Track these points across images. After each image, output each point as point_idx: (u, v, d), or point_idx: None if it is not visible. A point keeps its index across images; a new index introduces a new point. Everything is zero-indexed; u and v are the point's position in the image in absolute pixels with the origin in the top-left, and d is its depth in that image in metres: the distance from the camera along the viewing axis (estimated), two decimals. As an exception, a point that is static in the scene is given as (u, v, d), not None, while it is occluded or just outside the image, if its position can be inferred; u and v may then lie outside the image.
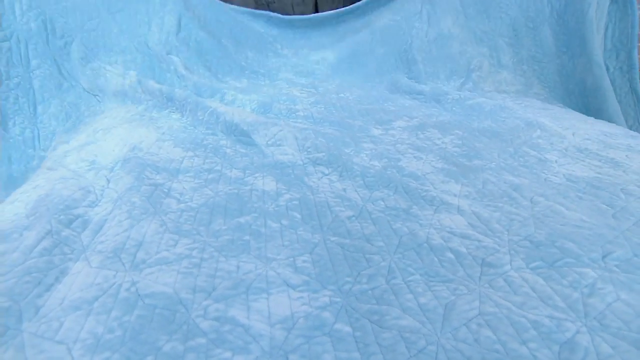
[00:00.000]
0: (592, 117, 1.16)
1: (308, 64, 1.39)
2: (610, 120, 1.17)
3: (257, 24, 1.41)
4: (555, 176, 0.74)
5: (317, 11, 1.62)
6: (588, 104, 1.25)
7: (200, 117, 1.00)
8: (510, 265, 0.49)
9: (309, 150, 0.83)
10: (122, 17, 1.19)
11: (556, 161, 0.81)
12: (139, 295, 0.43)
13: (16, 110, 1.01)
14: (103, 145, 0.85)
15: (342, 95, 1.25)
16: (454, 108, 1.16)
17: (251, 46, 1.35)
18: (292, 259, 0.50)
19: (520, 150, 0.87)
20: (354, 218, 0.59)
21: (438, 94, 1.25)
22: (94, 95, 1.12)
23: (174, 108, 1.05)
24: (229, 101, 1.11)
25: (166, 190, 0.66)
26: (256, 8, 1.46)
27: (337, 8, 1.51)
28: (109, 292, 0.44)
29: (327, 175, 0.74)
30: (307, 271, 0.48)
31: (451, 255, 0.51)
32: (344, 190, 0.68)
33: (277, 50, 1.39)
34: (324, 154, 0.80)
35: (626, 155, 0.83)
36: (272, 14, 1.43)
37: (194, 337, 0.38)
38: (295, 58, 1.39)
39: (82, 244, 0.53)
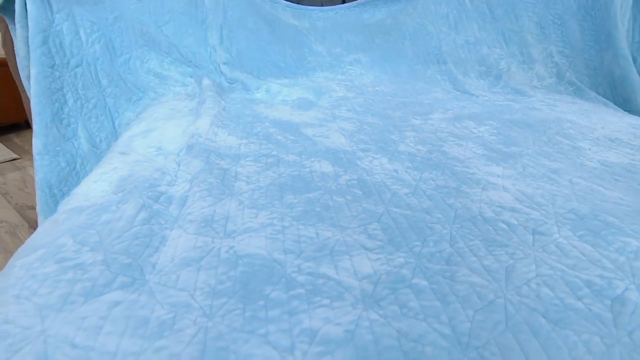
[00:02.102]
0: (620, 111, 1.20)
1: (342, 64, 1.45)
2: (638, 109, 1.21)
3: (290, 16, 1.46)
4: (590, 161, 0.79)
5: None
6: (616, 94, 1.29)
7: (248, 113, 1.06)
8: (559, 234, 0.54)
9: (356, 141, 0.88)
10: (169, 29, 1.26)
11: (589, 149, 0.86)
12: (238, 255, 0.50)
13: (99, 127, 1.10)
14: (165, 133, 0.92)
15: (377, 88, 1.31)
16: (486, 103, 1.21)
17: (290, 42, 1.40)
18: (363, 227, 0.56)
19: (554, 139, 0.92)
20: (410, 194, 0.65)
21: (469, 91, 1.31)
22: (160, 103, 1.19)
23: (224, 104, 1.11)
24: (275, 92, 1.17)
25: (234, 174, 0.72)
26: None
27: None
28: (211, 253, 0.50)
29: (377, 158, 0.79)
30: (379, 237, 0.54)
31: (504, 226, 0.56)
32: (396, 171, 0.74)
33: (312, 45, 1.45)
34: (371, 144, 0.86)
35: (656, 144, 0.87)
36: (300, 6, 1.48)
37: (293, 288, 0.45)
38: (330, 58, 1.45)
39: (172, 216, 0.60)
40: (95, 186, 0.69)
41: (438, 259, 0.49)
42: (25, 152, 2.64)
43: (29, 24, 1.02)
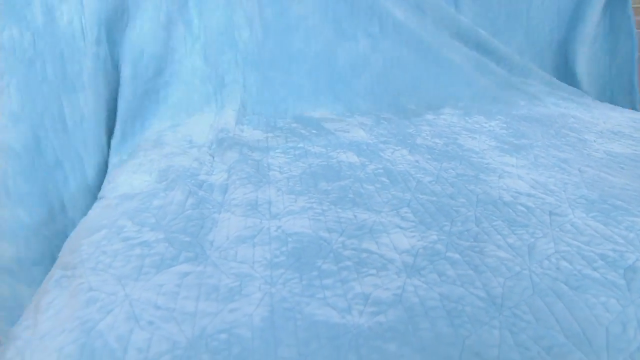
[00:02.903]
0: (618, 107, 1.27)
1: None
2: None
3: None
4: (596, 152, 0.85)
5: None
6: None
7: (268, 109, 1.11)
8: (573, 215, 0.60)
9: (376, 135, 0.94)
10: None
11: (595, 141, 0.92)
12: (287, 234, 0.55)
13: None
14: (192, 128, 0.97)
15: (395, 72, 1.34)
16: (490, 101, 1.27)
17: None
18: (395, 210, 0.61)
19: (561, 132, 0.98)
20: (433, 182, 0.71)
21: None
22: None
23: (240, 100, 1.16)
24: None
25: (266, 165, 0.78)
26: None
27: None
28: (262, 231, 0.56)
29: (398, 150, 0.85)
30: (411, 219, 0.59)
31: (523, 209, 0.62)
32: (417, 162, 0.79)
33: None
34: (390, 137, 0.92)
35: (657, 136, 0.93)
36: None
37: (341, 260, 0.50)
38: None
39: (217, 202, 0.65)
40: (136, 176, 0.75)
41: (467, 236, 0.55)
42: None
43: None
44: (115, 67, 0.95)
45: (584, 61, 1.42)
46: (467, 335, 0.41)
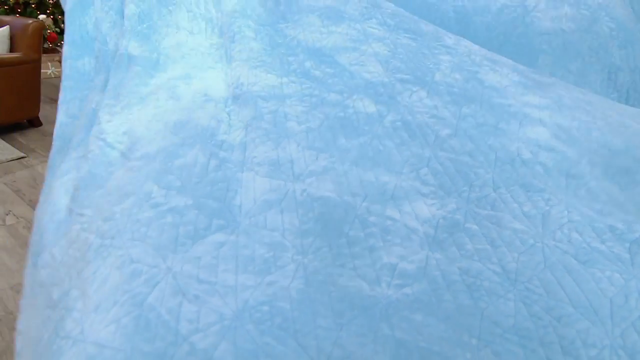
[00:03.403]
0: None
1: None
2: None
3: None
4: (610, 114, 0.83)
5: None
6: None
7: (280, 41, 1.04)
8: (591, 175, 0.61)
9: (392, 70, 0.90)
10: None
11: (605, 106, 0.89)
12: (312, 198, 0.57)
13: None
14: (206, 82, 0.91)
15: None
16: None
17: None
18: (415, 172, 0.63)
19: (577, 96, 0.95)
20: (452, 135, 0.71)
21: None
22: (166, 6, 1.14)
23: (250, 37, 1.08)
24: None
25: (283, 115, 0.76)
26: None
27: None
28: (288, 196, 0.57)
29: (416, 92, 0.83)
30: (431, 182, 0.61)
31: (540, 170, 0.63)
32: (436, 107, 0.78)
33: None
34: (408, 74, 0.88)
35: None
36: None
37: (367, 227, 0.53)
38: None
39: (238, 161, 0.65)
40: (151, 126, 0.73)
41: (484, 204, 0.57)
42: (31, 150, 2.59)
43: None
44: None
45: None
46: (485, 307, 0.45)
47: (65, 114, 0.90)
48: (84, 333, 0.44)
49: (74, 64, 0.92)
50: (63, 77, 0.99)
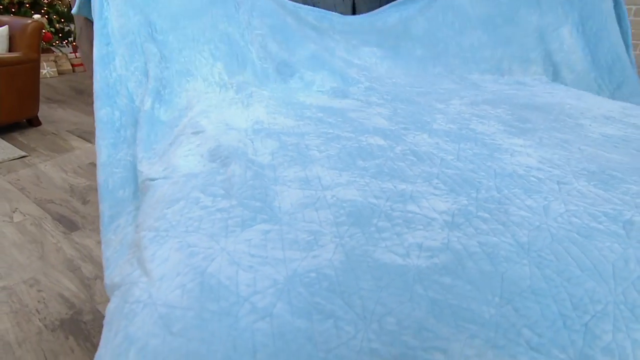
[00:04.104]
0: (608, 99, 1.41)
1: (359, 52, 1.61)
2: (631, 93, 1.43)
3: (312, 18, 1.62)
4: (592, 134, 0.98)
5: (354, 10, 1.84)
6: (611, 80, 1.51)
7: (294, 102, 1.21)
8: (577, 183, 0.72)
9: (395, 122, 1.05)
10: (205, 19, 1.39)
11: (590, 125, 1.05)
12: (341, 200, 0.66)
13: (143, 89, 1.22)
14: (225, 115, 1.06)
15: (394, 80, 1.48)
16: (494, 92, 1.40)
17: (310, 26, 1.55)
18: (427, 182, 0.73)
19: (559, 117, 1.11)
20: (455, 159, 0.82)
21: (477, 83, 1.49)
22: (184, 77, 1.32)
23: (266, 96, 1.26)
24: (308, 81, 1.33)
25: (305, 147, 0.88)
26: None
27: (374, 8, 1.74)
28: (320, 199, 0.66)
29: (419, 135, 0.96)
30: (442, 187, 0.71)
31: (534, 179, 0.74)
32: (437, 144, 0.91)
33: (331, 35, 1.61)
34: (409, 124, 1.03)
35: (643, 120, 1.07)
36: (319, 9, 1.63)
37: (392, 219, 0.61)
38: (346, 44, 1.61)
39: (271, 177, 0.75)
40: (188, 159, 0.84)
41: (491, 201, 0.67)
42: (32, 149, 2.72)
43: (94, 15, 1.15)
44: None
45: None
46: (504, 271, 0.52)
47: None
48: (152, 297, 0.49)
49: (97, 114, 1.03)
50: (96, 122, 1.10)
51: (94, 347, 1.32)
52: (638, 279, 0.53)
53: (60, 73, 4.47)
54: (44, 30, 3.93)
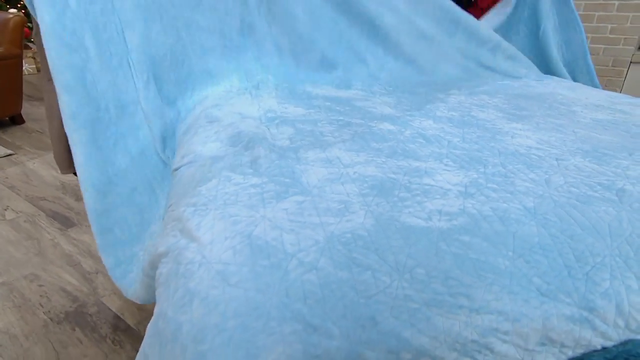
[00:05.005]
0: (597, 89, 1.53)
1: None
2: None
3: None
4: (584, 119, 1.09)
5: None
6: None
7: (300, 92, 1.29)
8: (574, 159, 0.82)
9: (401, 110, 1.14)
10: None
11: (581, 111, 1.16)
12: (363, 176, 0.74)
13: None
14: (237, 106, 1.13)
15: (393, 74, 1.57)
16: (490, 84, 1.50)
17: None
18: (438, 160, 0.81)
19: (553, 105, 1.22)
20: (461, 141, 0.91)
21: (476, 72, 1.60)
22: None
23: (273, 85, 1.33)
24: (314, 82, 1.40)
25: (319, 133, 0.96)
26: None
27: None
28: (344, 175, 0.74)
29: (425, 121, 1.05)
30: (452, 165, 0.79)
31: (535, 157, 0.84)
32: (442, 128, 1.00)
33: None
34: (415, 111, 1.12)
35: (629, 107, 1.18)
36: None
37: (412, 191, 0.69)
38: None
39: (293, 158, 0.83)
40: (208, 146, 0.91)
41: (498, 175, 0.76)
42: (18, 147, 2.73)
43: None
44: None
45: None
46: (515, 231, 0.61)
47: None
48: (206, 258, 0.56)
49: None
50: None
51: (102, 337, 1.37)
52: (630, 236, 0.62)
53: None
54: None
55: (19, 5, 4.36)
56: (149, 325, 0.57)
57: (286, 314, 0.50)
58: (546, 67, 1.80)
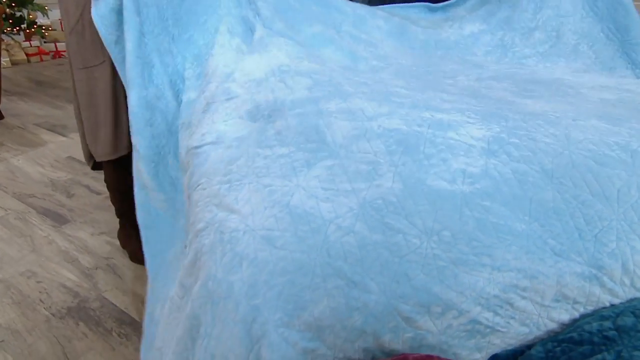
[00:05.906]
0: (604, 75, 1.64)
1: (366, 26, 1.77)
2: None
3: None
4: (592, 98, 1.19)
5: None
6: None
7: (313, 53, 1.35)
8: (590, 121, 0.90)
9: (412, 87, 1.23)
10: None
11: (589, 92, 1.27)
12: (388, 130, 0.79)
13: None
14: (245, 69, 1.16)
15: (400, 61, 1.66)
16: (497, 70, 1.61)
17: (316, 2, 1.69)
18: (460, 113, 0.86)
19: (560, 89, 1.32)
20: (481, 102, 1.00)
21: (479, 64, 1.70)
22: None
23: (278, 43, 1.37)
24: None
25: (337, 83, 0.99)
26: None
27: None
28: (368, 130, 0.78)
29: (438, 92, 1.14)
30: (474, 117, 0.84)
31: (552, 117, 0.90)
32: (460, 97, 1.09)
33: (339, 7, 1.75)
34: (427, 87, 1.21)
35: (636, 86, 1.29)
36: None
37: (436, 145, 0.75)
38: (355, 17, 1.76)
39: (314, 112, 0.85)
40: (229, 123, 0.97)
41: (519, 129, 0.82)
42: (0, 144, 2.78)
43: None
44: None
45: None
46: (532, 196, 0.71)
47: None
48: (249, 226, 0.65)
49: None
50: None
51: (108, 331, 1.44)
52: (636, 203, 0.73)
53: (13, 63, 4.41)
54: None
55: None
56: (195, 290, 0.66)
57: (329, 271, 0.59)
58: None
